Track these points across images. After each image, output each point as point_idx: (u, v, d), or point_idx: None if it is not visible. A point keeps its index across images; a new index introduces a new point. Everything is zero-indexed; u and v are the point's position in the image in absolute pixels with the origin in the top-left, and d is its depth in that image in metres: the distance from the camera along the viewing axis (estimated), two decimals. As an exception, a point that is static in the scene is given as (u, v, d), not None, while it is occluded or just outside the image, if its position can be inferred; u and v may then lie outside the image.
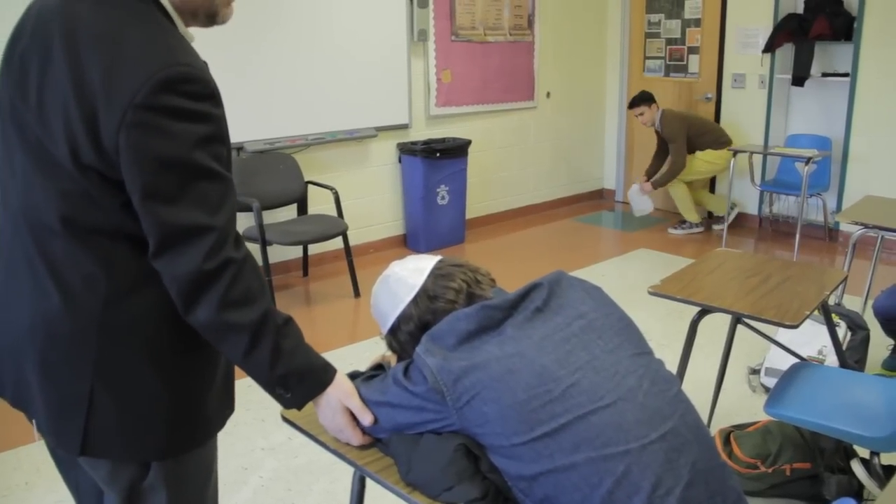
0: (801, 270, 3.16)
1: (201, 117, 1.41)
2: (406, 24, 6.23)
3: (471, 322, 1.56)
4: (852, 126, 6.61)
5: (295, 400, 1.63)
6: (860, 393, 2.80)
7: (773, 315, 2.64)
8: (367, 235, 6.41)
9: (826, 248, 6.74)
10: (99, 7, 1.43)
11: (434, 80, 6.63)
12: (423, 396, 1.55)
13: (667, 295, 2.87)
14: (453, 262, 1.75)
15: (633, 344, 1.63)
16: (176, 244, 1.41)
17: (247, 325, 1.48)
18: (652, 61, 8.08)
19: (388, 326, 1.73)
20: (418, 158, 6.27)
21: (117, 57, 1.37)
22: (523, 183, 7.77)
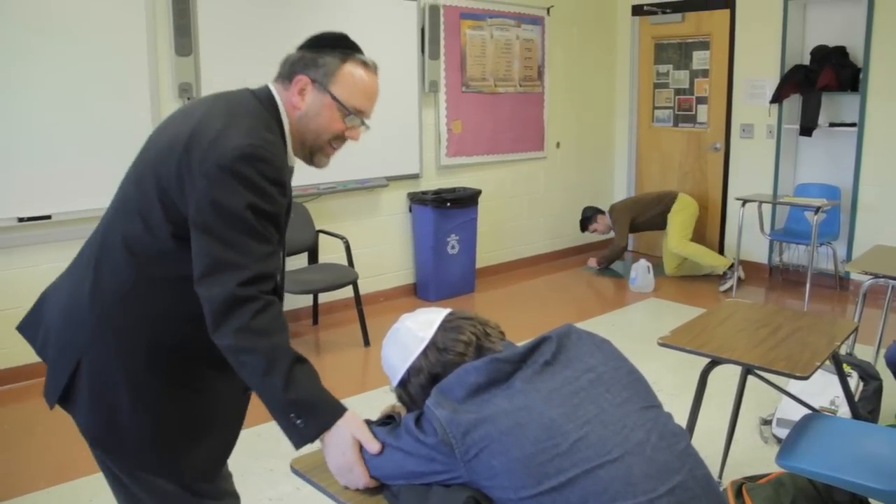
0: (811, 321, 3.14)
1: (262, 192, 1.71)
2: (417, 75, 6.32)
3: (480, 375, 1.57)
4: (861, 175, 6.64)
5: (309, 430, 1.70)
6: (873, 444, 2.77)
7: (784, 366, 2.63)
8: (378, 284, 6.41)
9: (837, 297, 6.71)
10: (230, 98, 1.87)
11: (445, 131, 6.68)
12: (432, 447, 1.55)
13: (677, 346, 2.87)
14: (463, 315, 1.75)
15: (642, 397, 1.62)
16: (216, 272, 1.69)
17: (264, 349, 1.67)
18: (661, 111, 8.15)
19: (398, 379, 1.73)
20: (429, 208, 6.31)
21: (224, 128, 1.74)
22: (533, 232, 7.79)
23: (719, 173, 7.69)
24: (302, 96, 1.89)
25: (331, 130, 1.90)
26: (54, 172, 4.58)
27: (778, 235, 7.08)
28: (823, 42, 6.84)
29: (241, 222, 1.69)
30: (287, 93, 1.90)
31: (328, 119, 1.89)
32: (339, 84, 1.87)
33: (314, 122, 1.89)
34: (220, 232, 1.69)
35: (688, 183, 7.98)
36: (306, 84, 1.88)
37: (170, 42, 4.91)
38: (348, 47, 1.93)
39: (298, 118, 1.89)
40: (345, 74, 1.88)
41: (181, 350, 1.85)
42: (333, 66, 1.88)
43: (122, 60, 4.75)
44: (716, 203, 7.77)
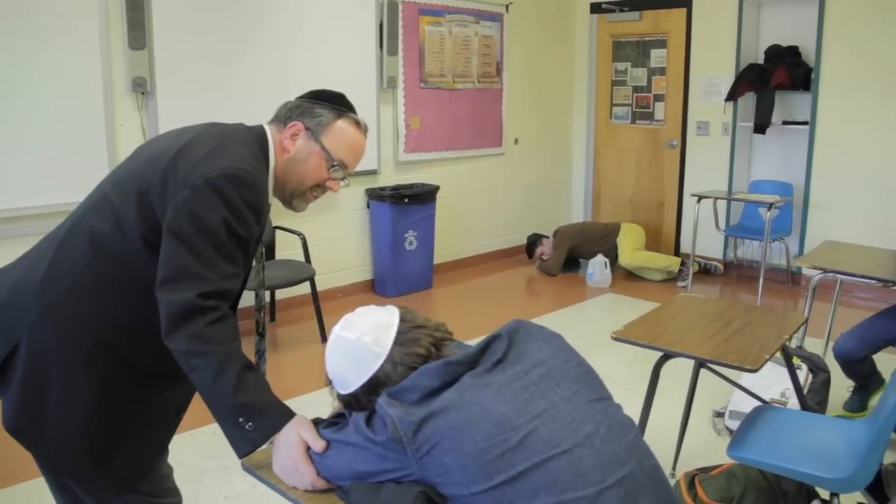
0: (762, 315, 3.20)
1: (239, 214, 1.78)
2: (375, 71, 6.30)
3: (434, 378, 1.57)
4: (812, 172, 6.77)
5: (257, 434, 1.71)
6: (821, 435, 2.83)
7: (734, 359, 2.68)
8: (335, 280, 6.40)
9: (789, 291, 6.83)
10: (226, 126, 1.95)
11: (403, 127, 6.68)
12: (383, 445, 1.55)
13: (629, 340, 2.90)
14: (416, 324, 1.72)
15: (591, 390, 1.64)
16: (180, 279, 1.72)
17: (215, 353, 1.70)
18: (619, 108, 8.22)
19: (350, 391, 1.70)
20: (387, 204, 6.30)
21: (216, 148, 1.82)
22: (491, 228, 7.82)
23: (675, 170, 7.78)
24: (293, 140, 1.96)
25: (314, 178, 1.98)
26: (1, 168, 4.47)
27: (732, 231, 7.19)
28: (777, 42, 6.96)
29: (214, 237, 1.75)
30: (279, 135, 1.97)
31: (314, 167, 1.97)
32: (330, 136, 1.96)
33: (300, 166, 1.97)
34: (191, 242, 1.73)
35: (644, 179, 8.06)
36: (300, 130, 1.96)
37: (123, 35, 4.85)
38: (345, 106, 2.01)
39: (286, 161, 1.97)
40: (337, 129, 1.97)
41: (124, 355, 1.86)
42: (328, 119, 1.97)
43: (74, 54, 4.67)
44: (672, 199, 7.86)
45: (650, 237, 7.90)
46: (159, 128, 4.92)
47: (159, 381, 1.91)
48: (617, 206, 8.35)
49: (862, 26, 6.34)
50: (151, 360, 1.83)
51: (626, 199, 8.25)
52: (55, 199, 4.45)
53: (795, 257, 6.88)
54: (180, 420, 2.09)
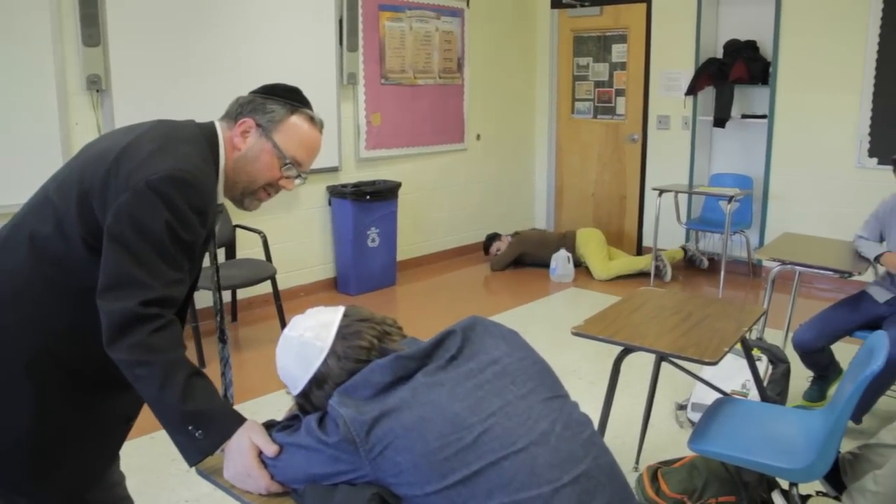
0: (721, 307, 3.23)
1: (182, 217, 1.72)
2: (335, 67, 6.27)
3: (385, 374, 1.56)
4: (771, 165, 6.85)
5: (208, 441, 1.67)
6: (780, 426, 2.86)
7: (694, 352, 2.69)
8: (298, 279, 6.37)
9: (750, 283, 6.91)
10: (174, 124, 1.88)
11: (364, 123, 6.66)
12: (336, 447, 1.53)
13: (589, 335, 2.91)
14: (359, 317, 1.71)
15: (547, 388, 1.63)
16: (121, 287, 1.66)
17: (160, 362, 1.65)
18: (581, 103, 8.25)
19: (300, 390, 1.69)
20: (348, 201, 6.28)
21: (160, 148, 1.76)
22: (454, 224, 7.82)
23: (637, 164, 7.83)
24: (244, 138, 1.90)
25: (266, 177, 1.92)
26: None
27: (693, 224, 7.26)
28: (735, 36, 7.02)
29: (156, 242, 1.69)
30: (230, 132, 1.91)
31: (265, 165, 1.91)
32: (282, 133, 1.90)
33: (251, 165, 1.91)
34: (132, 247, 1.68)
35: (606, 174, 8.10)
36: (251, 127, 1.90)
37: (76, 32, 4.78)
38: (299, 101, 1.94)
39: (236, 159, 1.90)
40: (290, 125, 1.91)
41: (69, 363, 1.81)
42: (280, 115, 1.90)
43: (25, 51, 4.59)
44: (634, 193, 7.91)
45: (613, 232, 7.95)
46: (115, 126, 4.82)
47: (107, 389, 1.86)
48: (579, 200, 8.39)
49: (818, 21, 6.42)
50: (98, 368, 1.77)
51: (589, 194, 8.29)
52: (7, 199, 4.32)
53: (755, 249, 6.95)
54: (130, 427, 2.05)
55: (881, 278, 4.07)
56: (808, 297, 6.27)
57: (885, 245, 4.00)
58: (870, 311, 3.95)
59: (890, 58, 6.10)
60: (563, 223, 8.51)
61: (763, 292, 6.30)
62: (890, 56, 6.10)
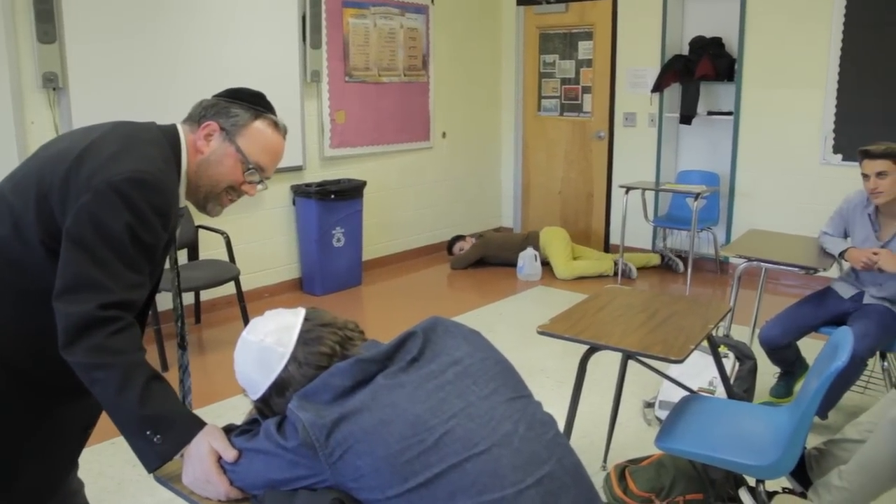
0: (687, 305, 3.25)
1: (144, 219, 1.70)
2: (299, 64, 6.24)
3: (346, 378, 1.55)
4: (737, 162, 6.91)
5: (167, 446, 1.66)
6: (747, 422, 2.89)
7: (660, 350, 2.71)
8: (262, 280, 6.33)
9: (718, 280, 6.97)
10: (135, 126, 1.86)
11: (328, 122, 6.63)
12: (295, 452, 1.53)
13: (555, 334, 2.91)
14: (321, 322, 1.70)
15: (510, 388, 1.63)
16: (80, 290, 1.64)
17: (117, 365, 1.63)
18: (547, 101, 8.28)
19: (259, 395, 1.69)
20: (313, 200, 6.25)
21: (122, 149, 1.74)
22: (421, 223, 7.81)
23: (604, 161, 7.87)
24: (207, 141, 1.89)
25: (228, 180, 1.91)
26: None
27: (661, 222, 7.31)
28: (701, 33, 7.08)
29: (117, 244, 1.67)
30: (193, 135, 1.90)
31: (229, 169, 1.90)
32: (246, 137, 1.90)
33: (214, 168, 1.90)
34: (92, 249, 1.66)
35: (573, 171, 8.14)
36: (214, 130, 1.89)
37: (31, 28, 4.70)
38: (263, 106, 1.95)
39: (199, 162, 1.89)
40: (254, 130, 1.91)
41: (24, 368, 1.78)
42: (244, 120, 1.90)
43: (-20, 49, 4.52)
44: (601, 191, 7.95)
45: (580, 230, 7.98)
46: (73, 125, 4.78)
47: (64, 396, 1.83)
48: (546, 198, 8.41)
49: (783, 17, 6.49)
50: (55, 374, 1.74)
51: (556, 192, 8.32)
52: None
53: (722, 246, 7.02)
54: (89, 436, 2.02)
55: (846, 274, 4.12)
56: (774, 294, 6.33)
57: (849, 241, 4.05)
58: (835, 307, 4.00)
59: (854, 54, 6.18)
60: (529, 221, 8.54)
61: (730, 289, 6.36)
62: (854, 52, 6.18)
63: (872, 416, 2.96)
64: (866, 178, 3.79)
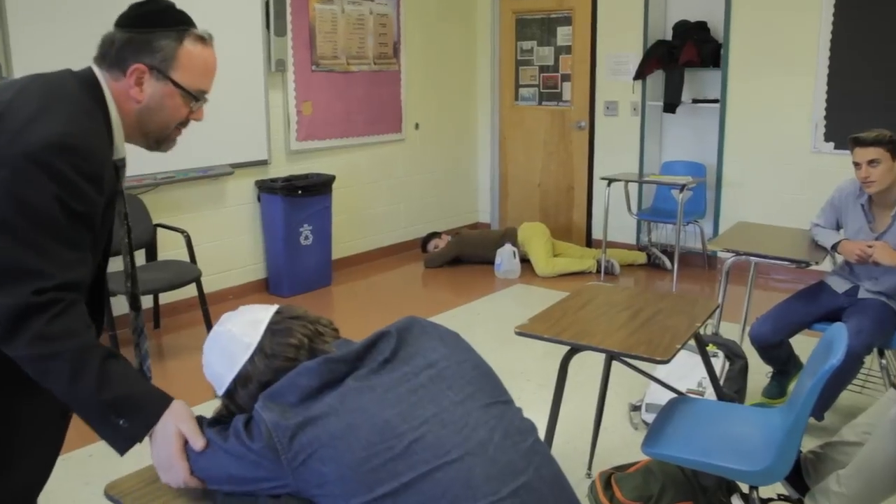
0: (673, 302, 3.22)
1: (74, 188, 1.61)
2: (263, 53, 6.15)
3: (313, 378, 1.54)
4: (724, 152, 6.90)
5: (134, 429, 1.64)
6: (738, 425, 2.86)
7: (644, 350, 2.68)
8: (225, 281, 6.26)
9: (706, 276, 6.95)
10: (48, 80, 1.75)
11: (294, 113, 6.57)
12: (258, 453, 1.52)
13: (534, 334, 2.88)
14: (291, 314, 1.71)
15: (487, 393, 1.62)
16: (11, 279, 1.56)
17: (65, 351, 1.57)
18: (526, 89, 8.24)
19: (224, 389, 1.68)
20: (279, 196, 6.19)
21: (40, 110, 1.64)
22: (394, 219, 7.77)
23: (584, 152, 7.85)
24: (141, 87, 1.80)
25: (177, 118, 1.86)
26: None
27: (645, 215, 7.29)
28: (685, 17, 7.06)
29: (48, 222, 1.59)
30: (119, 84, 1.80)
31: (173, 108, 1.84)
32: (179, 69, 1.80)
33: (159, 115, 1.83)
34: (20, 232, 1.58)
35: (553, 163, 8.11)
36: (143, 73, 1.79)
37: (-27, 15, 4.61)
38: (180, 21, 1.82)
39: (140, 111, 1.82)
40: (184, 56, 1.81)
41: None
42: (171, 50, 1.79)
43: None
44: (582, 183, 7.92)
45: (561, 224, 7.95)
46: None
47: (21, 385, 1.73)
48: (525, 191, 8.38)
49: (770, 0, 6.49)
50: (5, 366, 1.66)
51: (535, 185, 8.29)
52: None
53: (710, 240, 7.00)
54: (68, 420, 2.00)
55: (839, 268, 4.10)
56: (764, 289, 6.33)
57: (842, 233, 4.03)
58: (829, 303, 3.98)
59: (844, 39, 6.17)
60: (508, 216, 8.51)
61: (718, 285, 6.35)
62: (844, 37, 6.17)
63: (871, 416, 2.93)
64: (858, 167, 3.77)
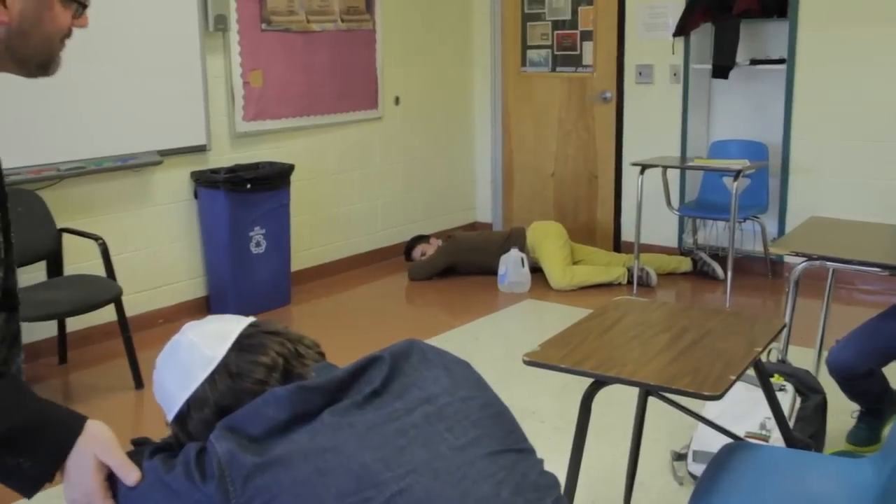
0: (726, 321, 3.21)
1: None
2: (197, 7, 6.14)
3: (282, 408, 1.54)
4: (793, 127, 6.88)
5: (40, 466, 1.61)
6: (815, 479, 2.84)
7: (689, 384, 2.65)
8: (154, 301, 6.26)
9: (769, 287, 6.96)
10: None
11: (240, 85, 6.58)
12: (206, 494, 1.51)
13: (548, 364, 2.86)
14: (269, 329, 1.71)
15: (496, 439, 1.63)
16: None
17: None
18: (535, 52, 8.24)
19: (174, 412, 1.67)
20: (222, 192, 6.19)
21: None
22: (369, 220, 7.80)
23: (610, 131, 7.86)
24: (4, 4, 1.75)
25: (61, 29, 1.81)
26: None
27: (689, 210, 7.29)
28: (739, -47, 7.05)
29: None
30: None
31: (53, 19, 1.79)
32: None
33: (37, 32, 1.78)
34: None
35: (570, 146, 8.14)
36: None
37: None
38: None
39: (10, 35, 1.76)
40: None
41: None
42: None
43: None
44: (607, 171, 7.94)
45: (581, 223, 7.96)
46: None
47: None
48: (535, 181, 8.43)
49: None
50: None
51: (548, 173, 8.32)
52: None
53: (773, 241, 6.96)
54: None
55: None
56: (846, 304, 6.31)
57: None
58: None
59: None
60: (514, 213, 8.55)
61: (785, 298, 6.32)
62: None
63: None
64: None
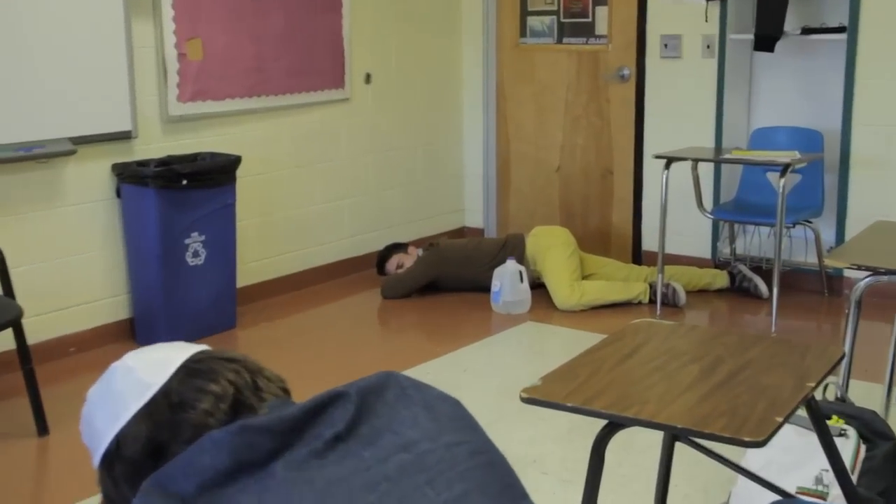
0: (771, 349, 3.19)
1: None
2: (120, -37, 6.13)
3: (220, 454, 1.51)
4: (854, 112, 6.86)
5: None
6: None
7: (724, 427, 2.62)
8: (65, 325, 6.22)
9: (825, 306, 6.98)
10: None
11: (174, 58, 6.57)
12: None
13: (550, 402, 2.84)
14: (223, 356, 1.71)
15: (489, 495, 1.59)
16: None
17: None
18: (537, 19, 8.24)
19: (102, 452, 1.65)
20: (151, 189, 6.17)
21: None
22: (334, 224, 7.83)
23: (630, 117, 7.89)
24: None
25: None
26: None
27: (725, 213, 7.29)
28: None
29: None
30: None
31: None
32: None
33: None
34: None
35: (580, 135, 8.17)
36: None
37: None
38: None
39: None
40: None
41: None
42: None
43: None
44: (625, 165, 7.97)
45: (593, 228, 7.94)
46: None
47: None
48: (537, 178, 8.47)
49: None
50: None
51: (552, 168, 8.35)
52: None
53: (830, 251, 6.92)
54: None
55: None
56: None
57: None
58: None
59: None
60: (511, 217, 8.59)
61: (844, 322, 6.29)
62: None
63: None
64: None
